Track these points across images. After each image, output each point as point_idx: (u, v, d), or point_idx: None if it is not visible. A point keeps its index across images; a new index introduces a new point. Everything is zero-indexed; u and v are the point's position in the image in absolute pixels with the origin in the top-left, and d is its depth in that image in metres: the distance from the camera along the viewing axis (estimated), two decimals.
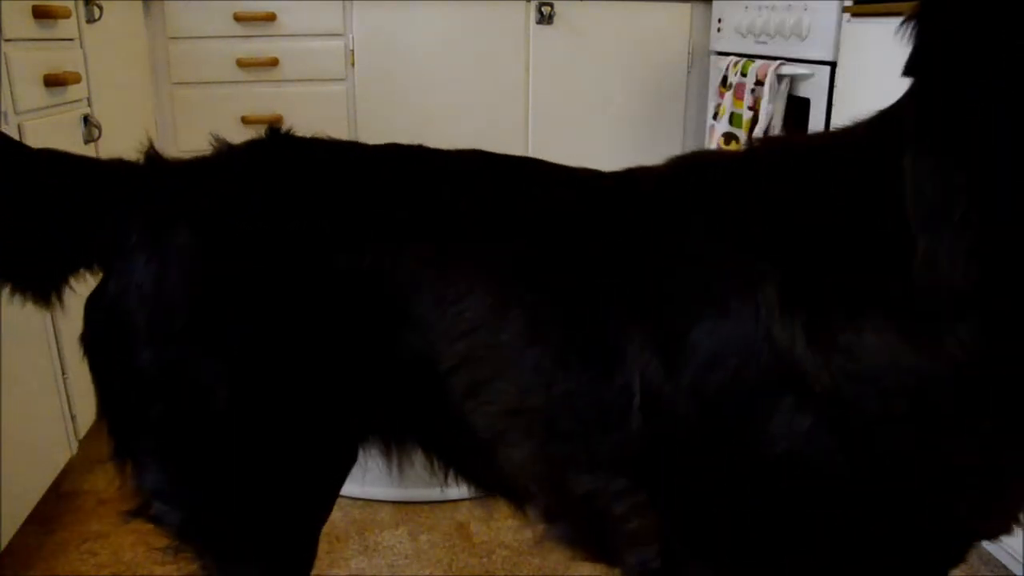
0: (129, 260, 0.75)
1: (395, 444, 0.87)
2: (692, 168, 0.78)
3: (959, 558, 0.71)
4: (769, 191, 0.69)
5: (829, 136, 0.71)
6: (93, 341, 0.78)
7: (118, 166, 0.81)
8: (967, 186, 0.54)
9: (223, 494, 0.81)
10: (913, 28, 0.56)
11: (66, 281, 0.81)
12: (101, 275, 0.78)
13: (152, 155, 0.81)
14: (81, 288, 0.81)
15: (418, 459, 0.88)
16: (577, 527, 0.80)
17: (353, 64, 2.55)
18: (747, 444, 0.64)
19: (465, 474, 0.88)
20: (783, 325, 0.62)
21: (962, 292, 0.56)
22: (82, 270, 0.80)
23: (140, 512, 0.83)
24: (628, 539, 0.73)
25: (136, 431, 0.78)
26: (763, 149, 0.78)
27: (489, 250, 0.75)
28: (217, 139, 0.84)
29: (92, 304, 0.78)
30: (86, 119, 1.72)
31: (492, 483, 0.87)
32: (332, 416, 0.81)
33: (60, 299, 0.81)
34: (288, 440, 0.79)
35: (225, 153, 0.83)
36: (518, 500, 0.86)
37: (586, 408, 0.70)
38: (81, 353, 0.79)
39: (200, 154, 0.83)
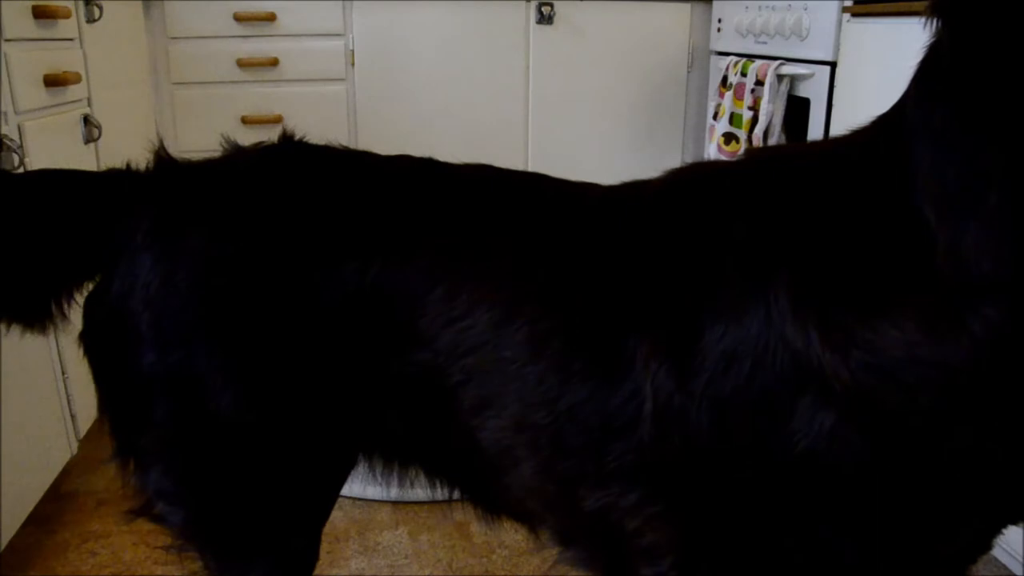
0: (135, 260, 0.74)
1: (399, 461, 0.87)
2: (693, 178, 0.78)
3: (987, 548, 0.71)
4: (770, 196, 0.69)
5: (829, 141, 0.71)
6: (94, 340, 0.78)
7: (119, 172, 0.81)
8: (997, 170, 0.53)
9: (224, 495, 0.81)
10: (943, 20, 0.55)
11: (71, 296, 0.80)
12: (101, 273, 0.78)
13: (161, 155, 0.81)
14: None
15: (421, 480, 0.88)
16: (591, 548, 0.79)
17: (353, 64, 2.55)
18: (765, 447, 0.64)
19: (472, 496, 0.87)
20: (796, 327, 0.62)
21: (988, 279, 0.55)
22: (86, 281, 0.79)
23: (143, 511, 0.83)
24: (641, 554, 0.73)
25: (138, 430, 0.78)
26: (761, 156, 0.78)
27: (495, 264, 0.74)
28: (227, 140, 0.84)
29: (93, 303, 0.77)
30: (86, 119, 1.72)
31: (500, 505, 0.87)
32: (335, 423, 0.81)
33: (65, 315, 0.80)
34: (289, 445, 0.79)
35: (236, 156, 0.83)
36: (528, 522, 0.86)
37: (594, 419, 0.69)
38: (80, 351, 0.78)
39: (204, 154, 0.83)
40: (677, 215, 0.73)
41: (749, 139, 2.26)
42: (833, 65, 1.98)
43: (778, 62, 2.16)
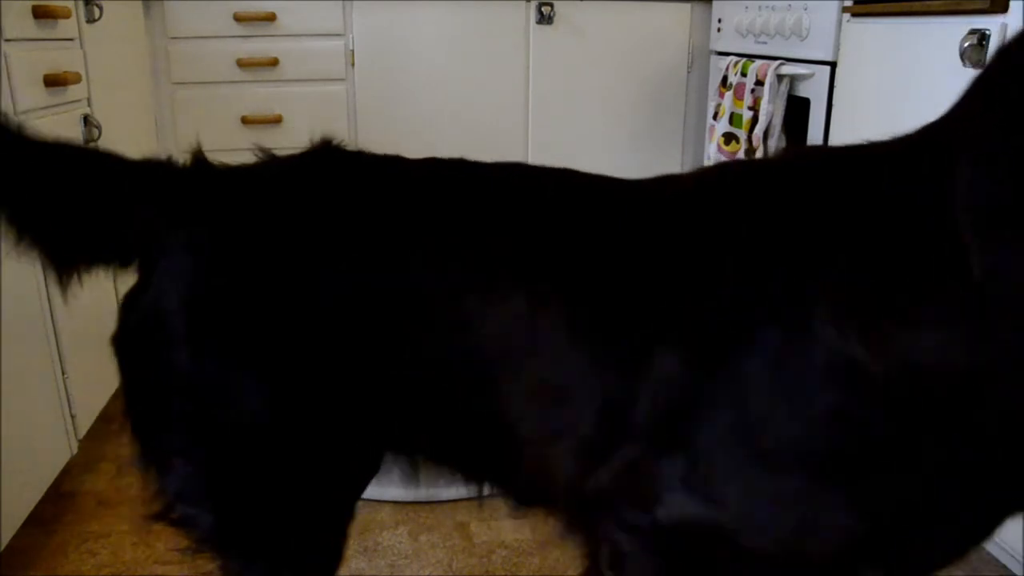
0: (174, 262, 0.75)
1: (421, 452, 0.88)
2: (732, 176, 0.80)
3: (983, 536, 0.74)
4: (806, 196, 0.71)
5: (868, 146, 0.73)
6: (128, 339, 0.78)
7: (165, 167, 0.82)
8: None
9: (254, 497, 0.81)
10: None
11: (94, 267, 0.80)
12: (139, 275, 0.78)
13: (199, 158, 0.82)
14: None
15: (439, 469, 0.89)
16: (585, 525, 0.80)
17: (353, 64, 2.55)
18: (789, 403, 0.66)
19: (492, 478, 0.89)
20: (835, 327, 0.64)
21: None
22: (115, 263, 0.80)
23: (163, 515, 0.83)
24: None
25: (165, 432, 0.79)
26: (798, 157, 0.80)
27: (528, 259, 0.76)
28: (262, 150, 0.86)
29: (130, 303, 0.78)
30: (86, 119, 1.72)
31: (513, 477, 0.88)
32: (364, 425, 0.82)
33: (80, 280, 0.80)
34: (322, 448, 0.80)
35: (275, 162, 0.84)
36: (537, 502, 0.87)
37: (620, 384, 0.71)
38: (112, 352, 0.79)
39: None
40: (716, 216, 0.75)
41: (749, 139, 2.26)
42: (833, 65, 1.97)
43: (778, 62, 2.16)
